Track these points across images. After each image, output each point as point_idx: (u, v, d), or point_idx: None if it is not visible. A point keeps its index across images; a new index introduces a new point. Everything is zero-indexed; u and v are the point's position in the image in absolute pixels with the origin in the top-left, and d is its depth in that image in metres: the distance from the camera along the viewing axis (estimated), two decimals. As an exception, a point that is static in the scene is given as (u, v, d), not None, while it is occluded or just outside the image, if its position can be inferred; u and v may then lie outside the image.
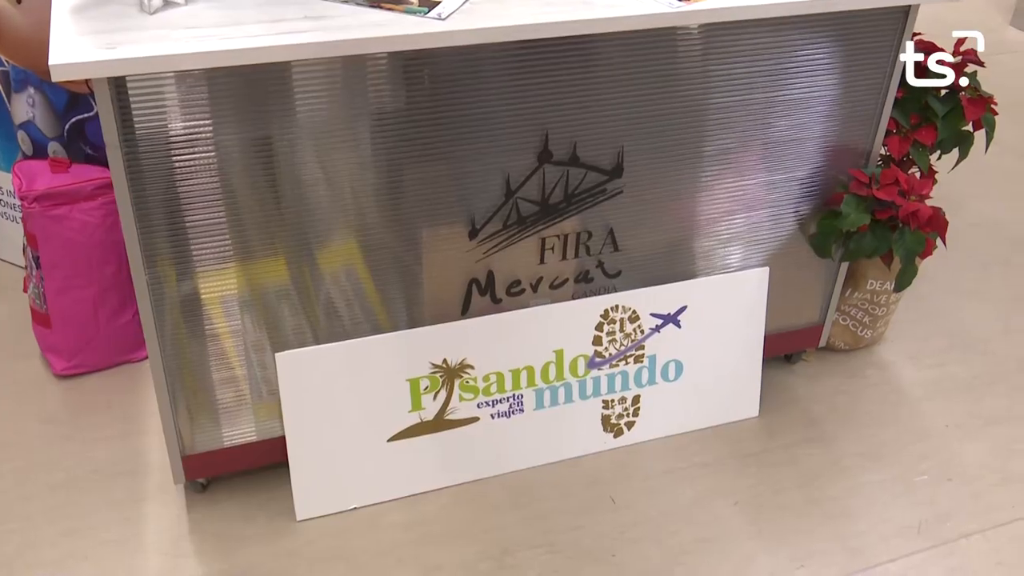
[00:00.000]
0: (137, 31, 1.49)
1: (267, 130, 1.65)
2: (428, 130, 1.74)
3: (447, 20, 1.59)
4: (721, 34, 1.83)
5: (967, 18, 1.89)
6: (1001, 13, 4.85)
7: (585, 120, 1.82)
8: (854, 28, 1.92)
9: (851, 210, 2.04)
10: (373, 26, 1.56)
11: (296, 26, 1.54)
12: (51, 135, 2.28)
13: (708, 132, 1.94)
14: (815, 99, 1.99)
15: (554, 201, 1.88)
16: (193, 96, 1.57)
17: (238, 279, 1.76)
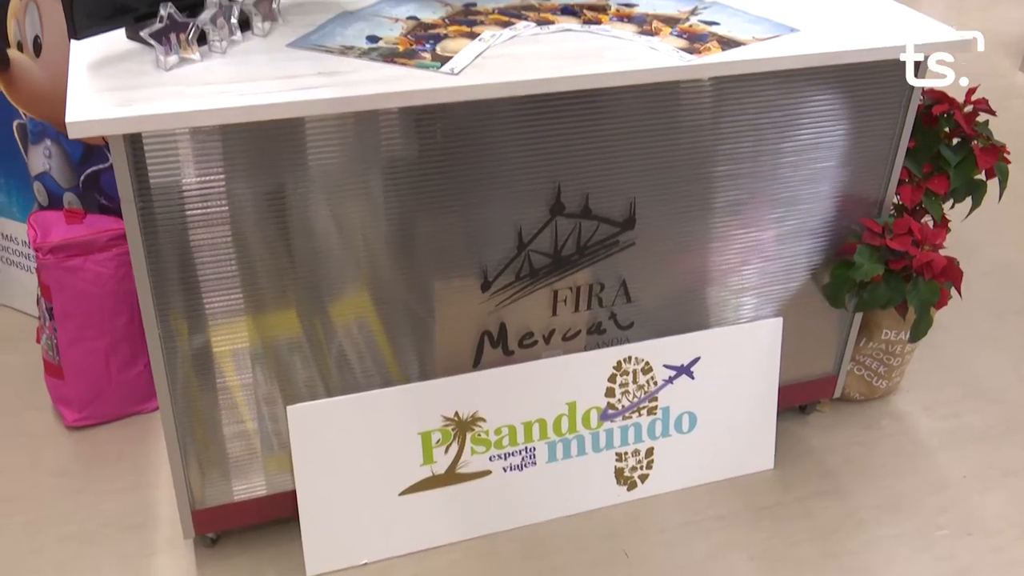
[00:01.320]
0: (153, 88, 1.51)
1: (280, 182, 1.66)
2: (440, 182, 1.74)
3: (460, 75, 1.60)
4: (731, 86, 1.83)
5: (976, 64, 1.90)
6: (1009, 58, 4.87)
7: (597, 172, 1.82)
8: (864, 79, 1.93)
9: (864, 260, 2.03)
10: (386, 81, 1.57)
11: (310, 82, 1.55)
12: (66, 186, 2.31)
13: (719, 183, 1.94)
14: (826, 149, 1.99)
15: (566, 253, 1.88)
16: (207, 150, 1.58)
17: (250, 332, 1.76)
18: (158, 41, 1.54)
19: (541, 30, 1.79)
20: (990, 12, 5.55)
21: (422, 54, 1.66)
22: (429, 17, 1.82)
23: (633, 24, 1.84)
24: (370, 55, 1.65)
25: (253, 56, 1.64)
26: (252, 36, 1.72)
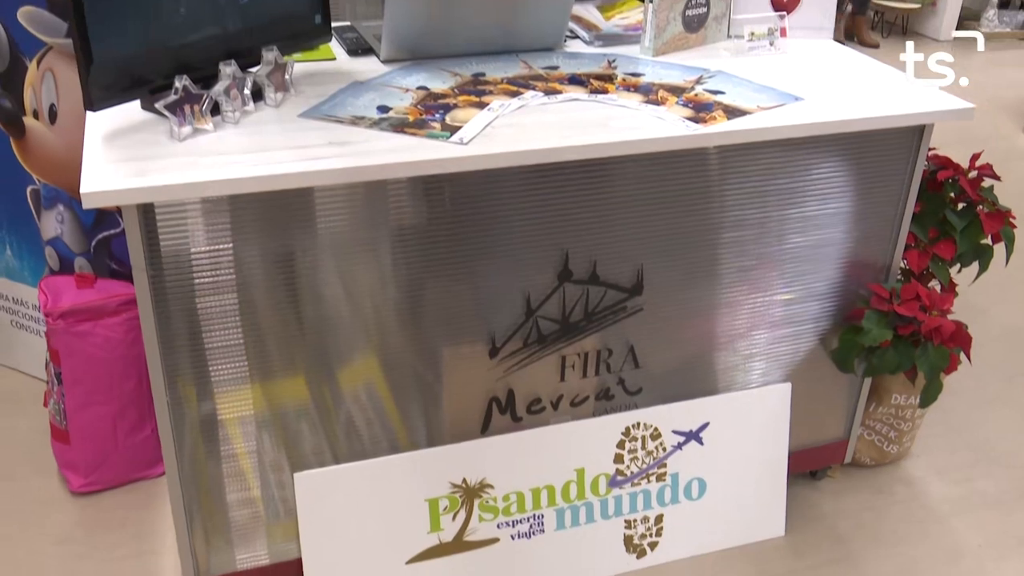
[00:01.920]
0: (167, 158, 1.53)
1: (290, 249, 1.67)
2: (449, 249, 1.75)
3: (469, 145, 1.62)
4: (737, 154, 1.85)
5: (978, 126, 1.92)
6: (1012, 120, 4.92)
7: (605, 239, 1.83)
8: (869, 146, 1.95)
9: (873, 326, 2.03)
10: (396, 151, 1.59)
11: (321, 152, 1.58)
12: (78, 251, 2.32)
13: (726, 249, 1.95)
14: (832, 215, 2.00)
15: (574, 319, 1.89)
16: (218, 218, 1.60)
17: (258, 398, 1.76)
18: (172, 112, 1.57)
19: (549, 100, 1.82)
20: (991, 73, 5.62)
21: (432, 124, 1.69)
22: (439, 87, 1.85)
23: (639, 93, 1.87)
24: (380, 125, 1.68)
25: (265, 126, 1.67)
26: (265, 106, 1.74)
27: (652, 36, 2.06)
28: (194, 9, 1.65)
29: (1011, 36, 6.27)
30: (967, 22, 6.30)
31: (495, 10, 1.97)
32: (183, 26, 1.64)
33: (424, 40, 1.96)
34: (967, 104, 1.89)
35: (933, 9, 6.04)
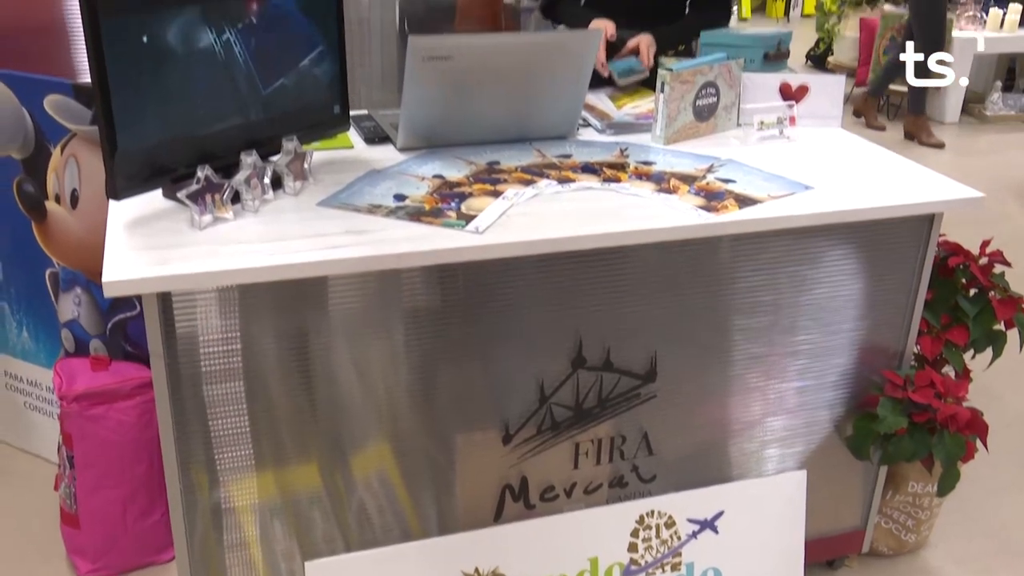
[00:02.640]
0: (187, 247, 1.55)
1: (305, 335, 1.68)
2: (462, 335, 1.76)
3: (484, 234, 1.64)
4: (749, 242, 1.87)
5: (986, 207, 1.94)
6: (1018, 201, 4.95)
7: (618, 326, 1.84)
8: (880, 233, 1.97)
9: (887, 413, 2.02)
10: (413, 240, 1.61)
11: (338, 240, 1.60)
12: (94, 333, 2.34)
13: (740, 335, 1.95)
14: (845, 302, 2.01)
15: (588, 406, 1.88)
16: (236, 305, 1.61)
17: (270, 485, 1.75)
18: (194, 202, 1.60)
19: (562, 188, 1.85)
20: (996, 156, 5.68)
21: (448, 212, 1.71)
22: (454, 175, 1.89)
23: (651, 182, 1.89)
24: (397, 214, 1.70)
25: (284, 215, 1.70)
26: (284, 195, 1.78)
27: (663, 125, 2.09)
28: (218, 100, 1.69)
29: (1015, 119, 6.35)
30: (971, 104, 6.39)
31: (509, 100, 2.01)
32: (207, 116, 1.68)
33: (440, 129, 2.00)
34: (976, 193, 1.91)
35: (938, 92, 6.13)
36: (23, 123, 2.29)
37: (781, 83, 2.24)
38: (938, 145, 5.70)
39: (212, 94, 1.68)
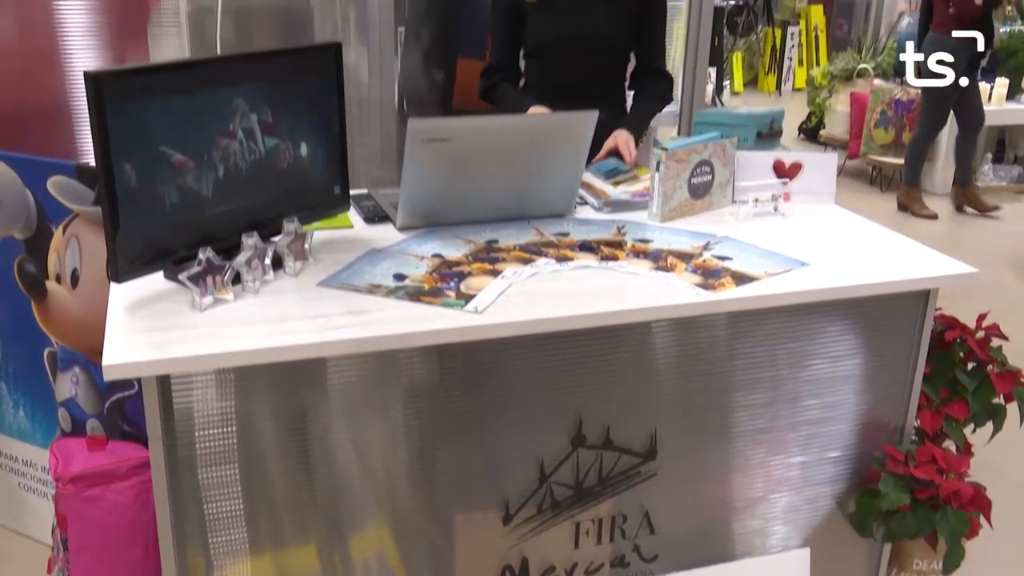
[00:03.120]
0: (188, 328, 1.56)
1: (304, 414, 1.68)
2: (462, 413, 1.76)
3: (484, 313, 1.65)
4: (747, 319, 1.88)
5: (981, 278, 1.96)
6: (1013, 272, 4.98)
7: (618, 403, 1.84)
8: (877, 309, 1.98)
9: (890, 489, 2.01)
10: (413, 320, 1.62)
11: (339, 321, 1.60)
12: (91, 412, 2.33)
13: (740, 412, 1.95)
14: (843, 377, 2.01)
15: (588, 485, 1.87)
16: (235, 386, 1.62)
17: (270, 568, 1.73)
18: (195, 284, 1.61)
19: (561, 267, 1.86)
20: (989, 226, 5.73)
21: (447, 292, 1.72)
22: (453, 255, 1.90)
23: (649, 260, 1.91)
24: (397, 294, 1.71)
25: (285, 295, 1.71)
26: (284, 275, 1.79)
27: (659, 203, 2.12)
28: (220, 183, 1.72)
29: (1007, 189, 6.43)
30: (963, 176, 6.47)
31: (508, 179, 2.04)
32: (209, 199, 1.71)
33: (439, 208, 2.03)
34: (970, 269, 1.93)
35: (929, 164, 6.21)
36: (26, 204, 2.31)
37: (775, 161, 2.28)
38: (931, 216, 5.76)
39: (214, 177, 1.70)
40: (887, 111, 6.16)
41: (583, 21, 2.46)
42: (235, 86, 1.72)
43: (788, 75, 9.62)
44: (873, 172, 6.50)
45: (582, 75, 2.50)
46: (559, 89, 2.49)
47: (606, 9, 2.46)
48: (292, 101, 1.82)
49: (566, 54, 2.50)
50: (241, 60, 1.80)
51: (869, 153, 6.28)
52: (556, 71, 2.53)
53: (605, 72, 2.55)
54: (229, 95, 1.71)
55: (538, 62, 2.56)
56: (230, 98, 1.71)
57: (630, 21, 2.50)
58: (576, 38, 2.47)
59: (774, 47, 9.48)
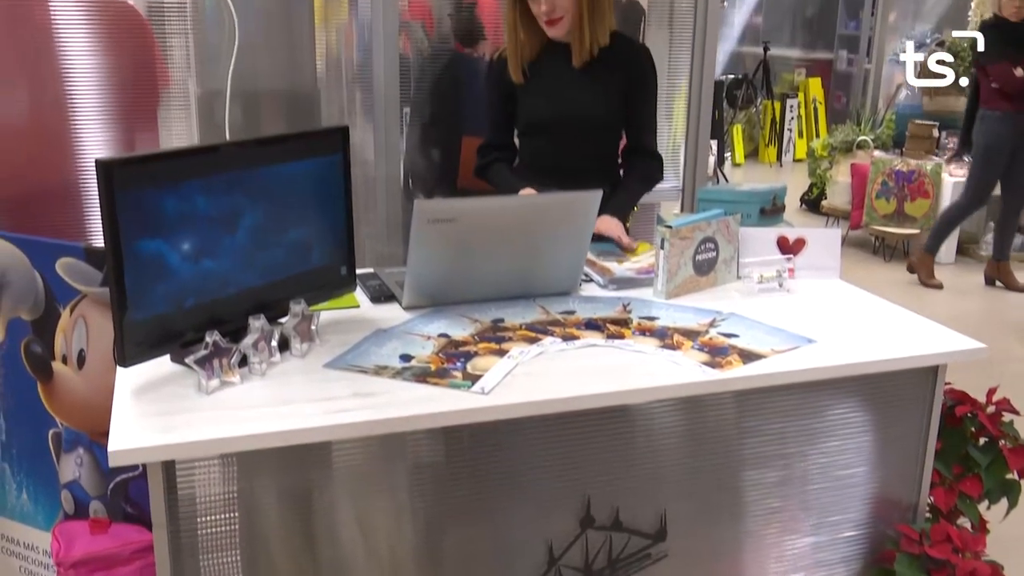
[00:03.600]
0: (193, 412, 1.55)
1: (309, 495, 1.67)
2: (468, 494, 1.75)
3: (490, 394, 1.64)
4: (755, 397, 1.87)
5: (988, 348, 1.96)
6: (1020, 341, 4.96)
7: (626, 484, 1.82)
8: (885, 385, 1.97)
9: (905, 569, 1.97)
10: (420, 402, 1.61)
11: (345, 404, 1.60)
12: (94, 494, 2.31)
13: (750, 491, 1.93)
14: (854, 454, 2.00)
15: (598, 567, 1.84)
16: (241, 468, 1.61)
17: (272, 657, 1.69)
18: (201, 367, 1.61)
19: (567, 346, 1.86)
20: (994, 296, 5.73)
21: (453, 373, 1.72)
22: (459, 334, 1.90)
23: (655, 338, 1.91)
24: (403, 375, 1.71)
25: (291, 377, 1.70)
26: (291, 356, 1.78)
27: (664, 280, 2.13)
28: (227, 266, 1.73)
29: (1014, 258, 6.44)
30: (966, 245, 6.49)
31: (513, 259, 2.05)
32: (216, 283, 1.72)
33: (445, 288, 2.04)
34: (978, 344, 1.92)
35: (937, 233, 6.25)
36: (34, 285, 2.32)
37: (778, 237, 2.29)
38: (937, 286, 5.76)
39: (222, 261, 1.72)
40: (888, 182, 6.22)
41: (571, 101, 2.49)
42: (244, 170, 1.74)
43: (788, 146, 9.73)
44: (876, 242, 6.53)
45: (572, 155, 2.52)
46: (551, 169, 2.51)
47: (593, 89, 2.49)
48: (300, 184, 1.85)
49: (556, 134, 2.53)
50: (249, 145, 1.83)
51: (871, 223, 6.32)
52: (547, 151, 2.55)
53: (596, 152, 2.57)
54: (237, 179, 1.73)
55: (529, 141, 2.59)
56: (238, 182, 1.73)
57: (618, 101, 2.52)
58: (565, 118, 2.50)
59: (774, 119, 9.60)
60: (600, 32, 2.43)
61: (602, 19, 2.42)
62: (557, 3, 2.36)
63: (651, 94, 2.57)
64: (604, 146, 2.59)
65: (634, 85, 2.52)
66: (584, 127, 2.51)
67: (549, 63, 2.48)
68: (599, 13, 2.41)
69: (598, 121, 2.52)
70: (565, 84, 2.48)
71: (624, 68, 2.49)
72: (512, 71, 2.49)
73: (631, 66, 2.50)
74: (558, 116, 2.50)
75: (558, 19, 2.39)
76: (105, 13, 2.67)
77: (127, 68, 2.71)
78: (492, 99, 2.61)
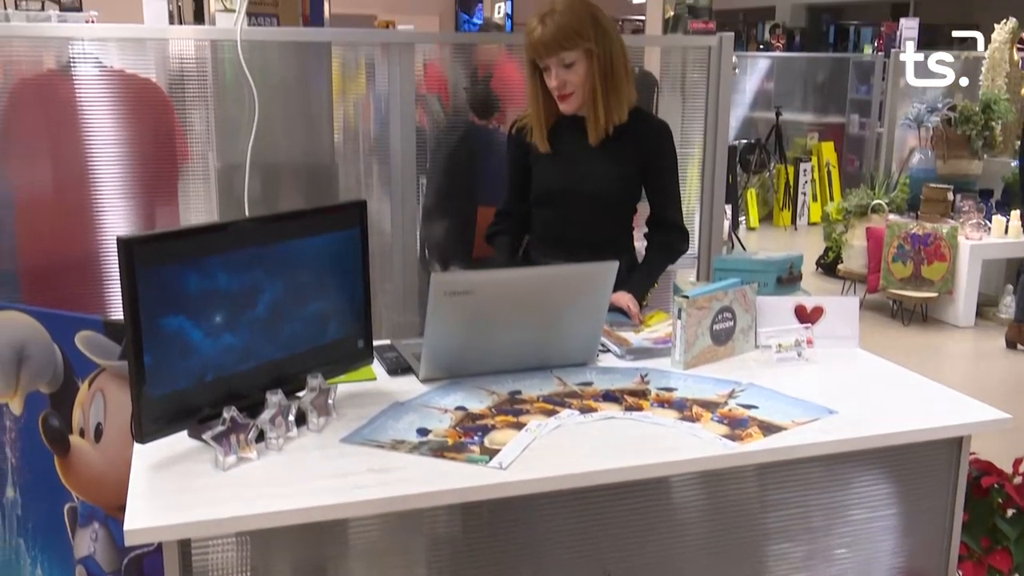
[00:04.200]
0: (210, 490, 1.55)
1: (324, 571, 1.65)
2: (486, 569, 1.72)
3: (508, 469, 1.63)
4: (777, 469, 1.84)
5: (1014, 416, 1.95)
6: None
7: (647, 558, 1.79)
8: (909, 456, 1.94)
9: (936, 648, 1.92)
10: (437, 478, 1.60)
11: (362, 480, 1.59)
12: (109, 570, 2.29)
13: (774, 564, 1.89)
14: (880, 526, 1.96)
15: (619, 647, 1.80)
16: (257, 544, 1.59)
17: None
18: (219, 443, 1.60)
19: (585, 418, 1.85)
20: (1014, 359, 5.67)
21: (471, 447, 1.71)
22: (476, 407, 1.89)
23: (674, 409, 1.89)
24: (420, 449, 1.70)
25: (308, 453, 1.70)
26: (307, 431, 1.78)
27: (682, 350, 2.12)
28: (247, 342, 1.73)
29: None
30: (985, 308, 6.45)
31: (530, 330, 2.05)
32: (234, 358, 1.72)
33: (462, 360, 2.03)
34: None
35: (950, 297, 6.21)
36: (53, 359, 2.33)
37: (796, 305, 2.28)
38: None
39: (240, 335, 1.72)
40: (904, 245, 6.20)
41: (584, 175, 2.50)
42: (263, 246, 1.76)
43: (803, 210, 9.75)
44: (894, 306, 6.49)
45: (584, 228, 2.53)
46: (561, 240, 2.53)
47: (607, 164, 2.49)
48: (318, 259, 1.86)
49: (567, 206, 2.53)
50: (269, 221, 1.85)
51: (889, 287, 6.29)
52: (558, 222, 2.56)
53: (607, 226, 2.57)
54: (257, 255, 1.74)
55: (541, 212, 2.60)
56: (258, 258, 1.74)
57: (634, 177, 2.53)
58: (577, 191, 2.51)
59: (787, 183, 9.64)
60: (617, 109, 2.45)
61: (618, 96, 2.44)
62: (568, 79, 2.39)
63: (670, 170, 2.58)
64: (616, 221, 2.60)
65: (652, 162, 2.53)
66: (596, 202, 2.52)
67: (567, 135, 2.51)
68: (615, 90, 2.43)
69: (610, 197, 2.53)
70: (580, 157, 2.50)
71: (641, 145, 2.51)
72: (538, 140, 2.51)
73: (648, 143, 2.52)
74: (570, 188, 2.52)
75: (569, 94, 2.42)
76: (128, 89, 2.73)
77: (148, 143, 2.76)
78: (511, 165, 2.64)
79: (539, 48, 2.38)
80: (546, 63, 2.39)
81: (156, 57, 2.78)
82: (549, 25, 2.36)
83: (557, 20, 2.36)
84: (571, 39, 2.36)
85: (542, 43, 2.37)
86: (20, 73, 2.67)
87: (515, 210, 2.65)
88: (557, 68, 2.38)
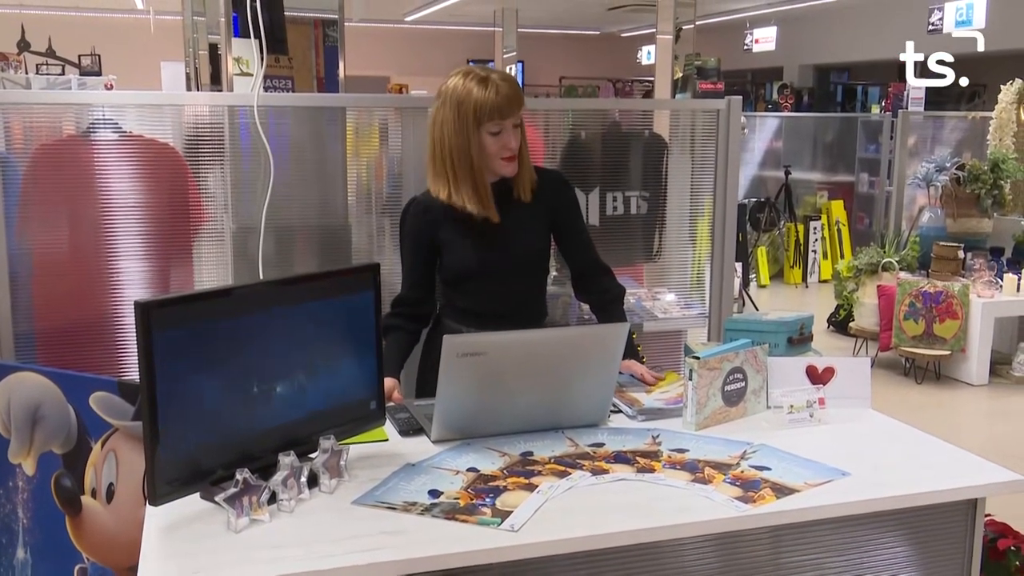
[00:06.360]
0: (222, 552, 1.55)
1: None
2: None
3: (520, 532, 1.62)
4: (790, 531, 1.83)
5: None
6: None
7: (660, 623, 1.77)
8: (923, 518, 1.92)
9: None
10: (447, 540, 1.60)
11: (373, 542, 1.59)
12: (118, 633, 2.28)
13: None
14: (895, 592, 1.93)
15: None
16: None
17: None
18: (231, 505, 1.61)
19: (597, 480, 1.84)
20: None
21: (482, 509, 1.70)
22: (488, 468, 1.89)
23: (686, 471, 1.89)
24: (432, 511, 1.70)
25: (319, 515, 1.70)
26: (319, 492, 1.78)
27: (694, 412, 2.12)
28: (260, 404, 1.75)
29: (1041, 378, 6.34)
30: (999, 366, 6.41)
31: (542, 391, 2.05)
32: (247, 421, 1.73)
33: (473, 421, 2.04)
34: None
35: (963, 355, 6.18)
36: (67, 420, 2.35)
37: (807, 366, 2.29)
38: None
39: (254, 398, 1.74)
40: (915, 303, 6.19)
41: (516, 240, 2.40)
42: (276, 309, 1.78)
43: (813, 268, 9.76)
44: (906, 364, 6.46)
45: (505, 298, 2.42)
46: (479, 315, 2.41)
47: (525, 225, 2.41)
48: (330, 321, 1.88)
49: (490, 278, 2.41)
50: (283, 284, 1.88)
51: (901, 345, 6.27)
52: (481, 295, 2.42)
53: (528, 290, 2.50)
54: (270, 319, 1.77)
55: (456, 290, 2.45)
56: (271, 321, 1.77)
57: (548, 231, 2.47)
58: (501, 261, 2.40)
59: (797, 241, 9.67)
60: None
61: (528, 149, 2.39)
62: (514, 139, 2.31)
63: (579, 215, 2.51)
64: (536, 284, 2.52)
65: (561, 211, 2.47)
66: (521, 268, 2.44)
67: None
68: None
69: (540, 256, 2.46)
70: (508, 223, 2.38)
71: (546, 198, 2.43)
72: (481, 210, 2.33)
73: (552, 194, 2.45)
74: (495, 260, 2.39)
75: (514, 156, 2.33)
76: (145, 153, 2.78)
77: (165, 205, 2.80)
78: (411, 249, 2.46)
79: (506, 106, 2.26)
80: (506, 123, 2.28)
81: (173, 121, 2.84)
82: (504, 84, 2.28)
83: (507, 79, 2.31)
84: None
85: (508, 100, 2.26)
86: (40, 139, 2.72)
87: (414, 297, 2.46)
88: (513, 128, 2.30)
